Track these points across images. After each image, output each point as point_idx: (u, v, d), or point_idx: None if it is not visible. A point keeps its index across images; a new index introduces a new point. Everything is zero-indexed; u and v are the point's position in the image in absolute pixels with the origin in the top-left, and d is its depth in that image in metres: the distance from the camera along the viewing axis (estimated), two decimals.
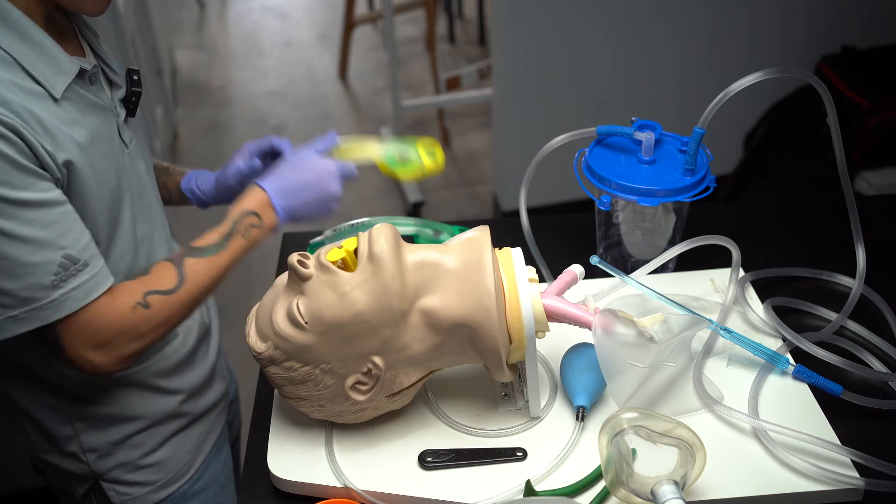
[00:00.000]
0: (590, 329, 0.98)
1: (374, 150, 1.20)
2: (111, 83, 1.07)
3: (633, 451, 0.89)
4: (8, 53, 0.91)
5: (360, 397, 0.95)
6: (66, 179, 0.95)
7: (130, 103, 1.09)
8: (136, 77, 1.09)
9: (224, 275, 1.04)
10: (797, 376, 1.05)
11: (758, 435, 0.98)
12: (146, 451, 1.17)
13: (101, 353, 0.96)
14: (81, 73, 0.99)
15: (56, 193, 0.92)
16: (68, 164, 0.94)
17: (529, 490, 0.93)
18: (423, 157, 1.17)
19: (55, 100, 0.94)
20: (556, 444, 0.98)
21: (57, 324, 0.93)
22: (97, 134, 1.00)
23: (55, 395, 1.10)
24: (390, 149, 1.19)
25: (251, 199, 1.07)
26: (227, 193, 1.23)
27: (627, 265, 1.28)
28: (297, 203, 1.09)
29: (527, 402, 1.02)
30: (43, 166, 0.91)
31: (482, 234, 0.97)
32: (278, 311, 0.94)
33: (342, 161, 1.15)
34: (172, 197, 1.29)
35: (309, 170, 1.11)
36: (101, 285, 0.95)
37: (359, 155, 1.19)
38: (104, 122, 1.02)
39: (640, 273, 1.15)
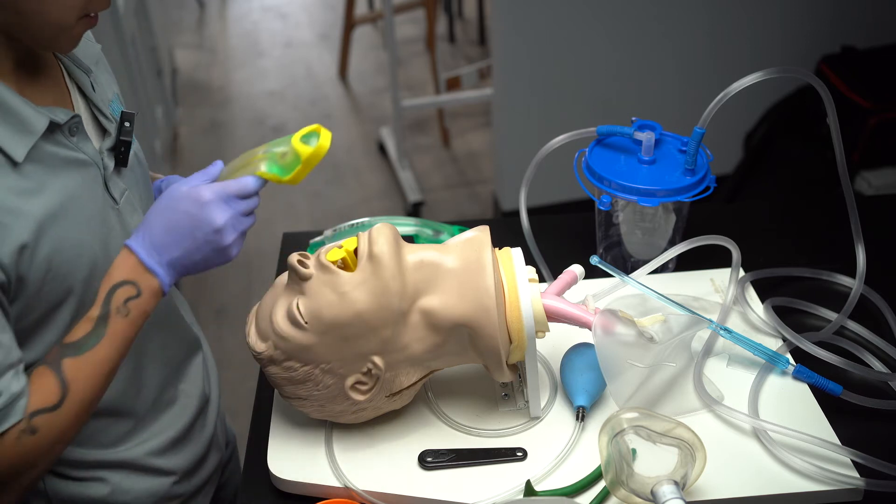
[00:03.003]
0: (590, 329, 0.98)
1: (255, 163, 0.93)
2: (104, 130, 0.96)
3: (633, 451, 0.89)
4: None
5: (360, 397, 0.95)
6: (16, 268, 0.83)
7: (120, 153, 0.96)
8: (127, 124, 0.96)
9: (116, 366, 0.89)
10: (797, 376, 1.05)
11: (758, 435, 0.98)
12: None
13: None
14: (54, 127, 0.88)
15: None
16: (22, 250, 0.83)
17: (529, 490, 0.93)
18: (299, 147, 0.90)
19: (14, 164, 0.83)
20: (556, 444, 0.98)
21: None
22: (73, 196, 0.89)
23: (44, 477, 1.00)
24: (271, 154, 0.93)
25: (120, 266, 0.88)
26: None
27: (627, 265, 1.28)
28: (177, 253, 0.88)
29: (527, 402, 1.02)
30: None
31: (482, 233, 0.97)
32: (278, 311, 0.94)
33: (221, 183, 0.90)
34: None
35: (177, 209, 0.88)
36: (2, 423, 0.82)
37: (243, 173, 0.92)
38: (84, 180, 0.91)
39: (640, 273, 1.15)
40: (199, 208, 0.88)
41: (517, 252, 0.99)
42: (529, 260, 1.16)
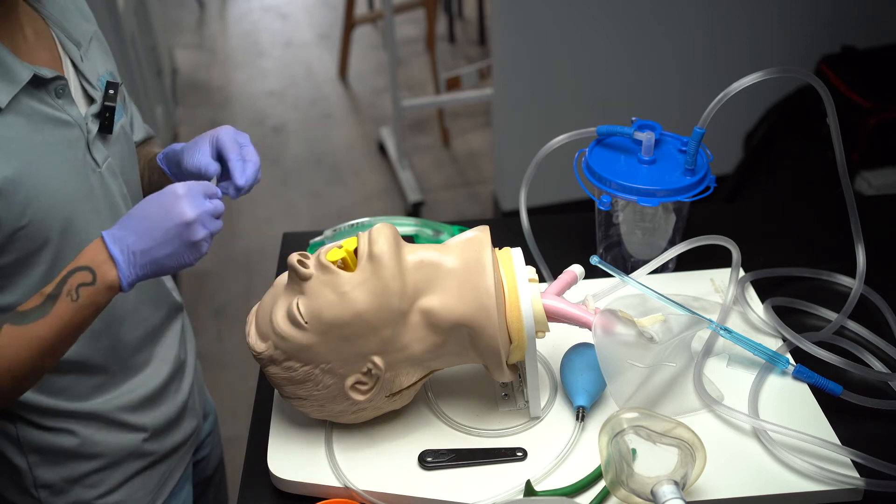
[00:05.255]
0: (590, 329, 0.98)
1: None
2: (91, 98, 1.02)
3: (633, 451, 0.89)
4: None
5: (360, 397, 0.95)
6: None
7: (105, 119, 1.01)
8: (111, 91, 1.02)
9: (53, 347, 0.88)
10: (797, 376, 1.05)
11: (758, 435, 0.98)
12: (103, 492, 1.11)
13: None
14: (40, 84, 0.93)
15: None
16: None
17: (529, 490, 0.93)
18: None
19: None
20: (556, 444, 0.98)
21: None
22: (54, 152, 0.94)
23: (12, 422, 1.04)
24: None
25: (86, 252, 0.89)
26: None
27: (627, 265, 1.28)
28: (146, 244, 0.88)
29: (527, 402, 1.02)
30: None
31: (482, 233, 0.97)
32: (278, 311, 0.94)
33: (193, 182, 0.92)
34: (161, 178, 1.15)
35: (152, 200, 0.90)
36: None
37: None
38: (66, 139, 0.96)
39: (640, 273, 1.15)
40: (173, 200, 0.89)
41: (517, 252, 0.99)
42: (529, 260, 1.16)
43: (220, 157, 1.02)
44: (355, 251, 0.95)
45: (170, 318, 1.19)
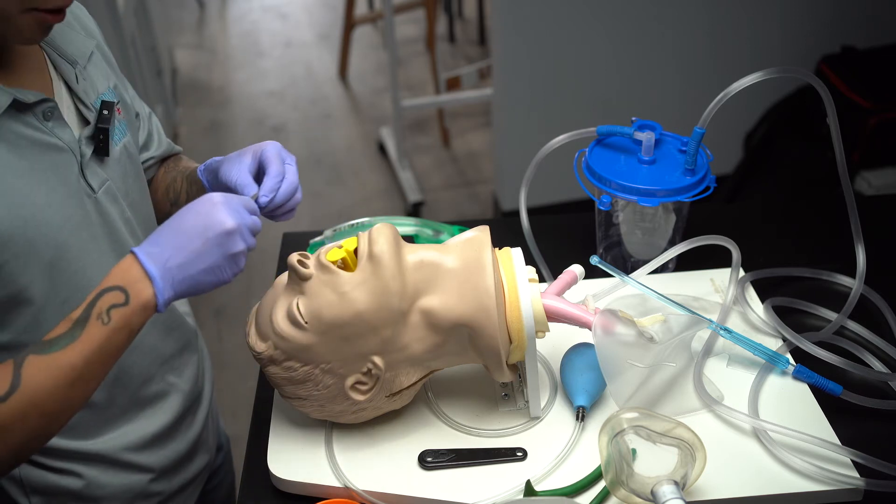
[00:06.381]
0: (590, 329, 0.98)
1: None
2: (87, 120, 0.96)
3: (633, 451, 0.89)
4: None
5: (360, 397, 0.95)
6: None
7: (99, 141, 0.95)
8: (105, 112, 0.96)
9: (85, 375, 0.79)
10: (797, 376, 1.05)
11: (758, 435, 0.98)
12: None
13: None
14: (24, 107, 0.88)
15: None
16: None
17: (529, 490, 0.93)
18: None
19: None
20: (556, 444, 0.98)
21: None
22: (41, 178, 0.89)
23: None
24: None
25: (117, 271, 0.82)
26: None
27: (627, 265, 1.28)
28: (183, 256, 0.82)
29: (527, 402, 1.02)
30: None
31: (482, 233, 0.97)
32: (278, 311, 0.94)
33: (230, 194, 0.88)
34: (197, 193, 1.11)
35: (189, 209, 0.85)
36: None
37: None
38: (55, 165, 0.91)
39: (640, 273, 1.15)
40: (211, 208, 0.84)
41: (517, 252, 0.99)
42: (529, 260, 1.16)
43: (260, 174, 0.97)
44: (355, 251, 0.95)
45: (184, 346, 1.14)
